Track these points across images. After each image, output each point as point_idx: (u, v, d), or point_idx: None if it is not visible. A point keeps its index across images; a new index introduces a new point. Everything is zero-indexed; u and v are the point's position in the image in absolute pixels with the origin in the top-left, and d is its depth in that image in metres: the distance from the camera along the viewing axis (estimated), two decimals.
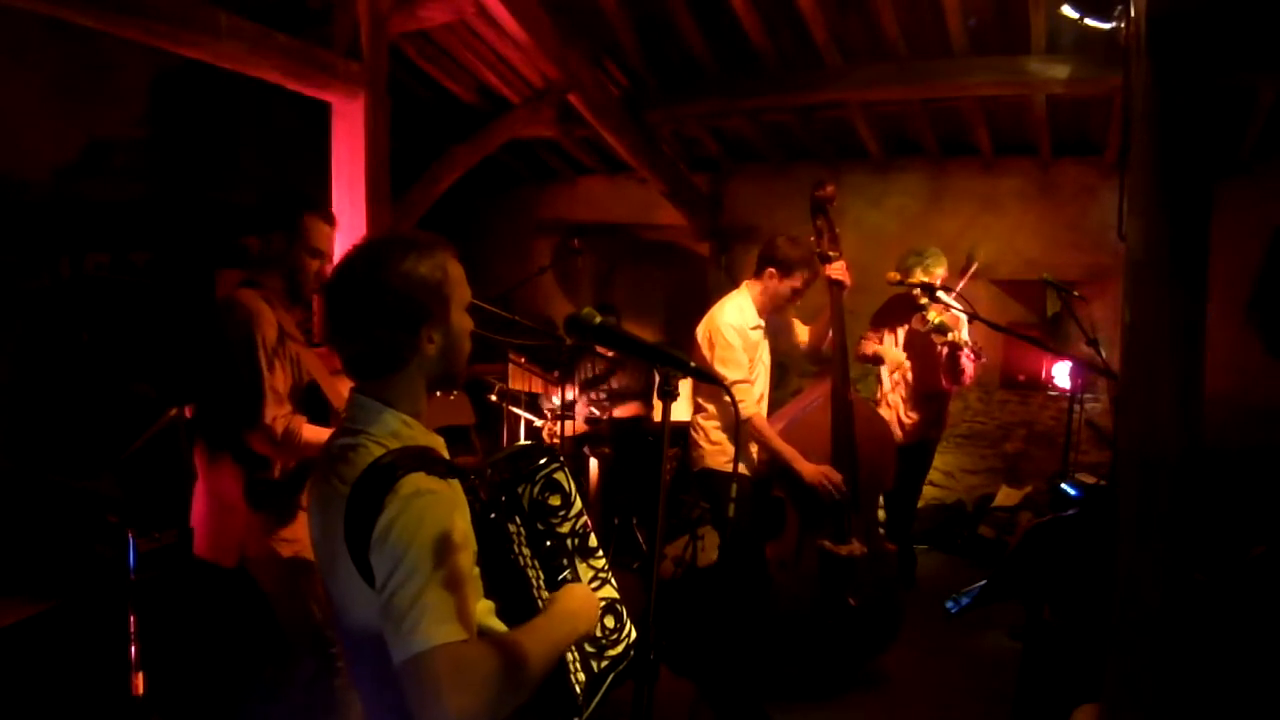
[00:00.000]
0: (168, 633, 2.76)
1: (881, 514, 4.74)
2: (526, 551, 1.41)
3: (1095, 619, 2.41)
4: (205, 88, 4.68)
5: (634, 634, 1.56)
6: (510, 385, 5.21)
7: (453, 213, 5.88)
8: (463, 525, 1.28)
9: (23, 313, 4.26)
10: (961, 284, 4.36)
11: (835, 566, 3.42)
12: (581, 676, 1.44)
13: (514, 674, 1.23)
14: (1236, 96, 4.32)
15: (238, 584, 2.50)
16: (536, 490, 1.46)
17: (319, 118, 3.69)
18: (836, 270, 3.38)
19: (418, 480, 1.24)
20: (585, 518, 1.55)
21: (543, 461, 1.50)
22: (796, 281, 3.38)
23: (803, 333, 3.64)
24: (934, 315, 4.17)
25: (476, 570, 1.34)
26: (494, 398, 4.90)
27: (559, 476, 1.50)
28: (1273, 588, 2.13)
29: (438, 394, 1.50)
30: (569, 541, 1.50)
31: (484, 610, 1.36)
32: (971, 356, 4.23)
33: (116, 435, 2.78)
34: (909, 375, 4.58)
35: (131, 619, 2.49)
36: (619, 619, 1.55)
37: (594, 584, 1.53)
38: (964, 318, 4.34)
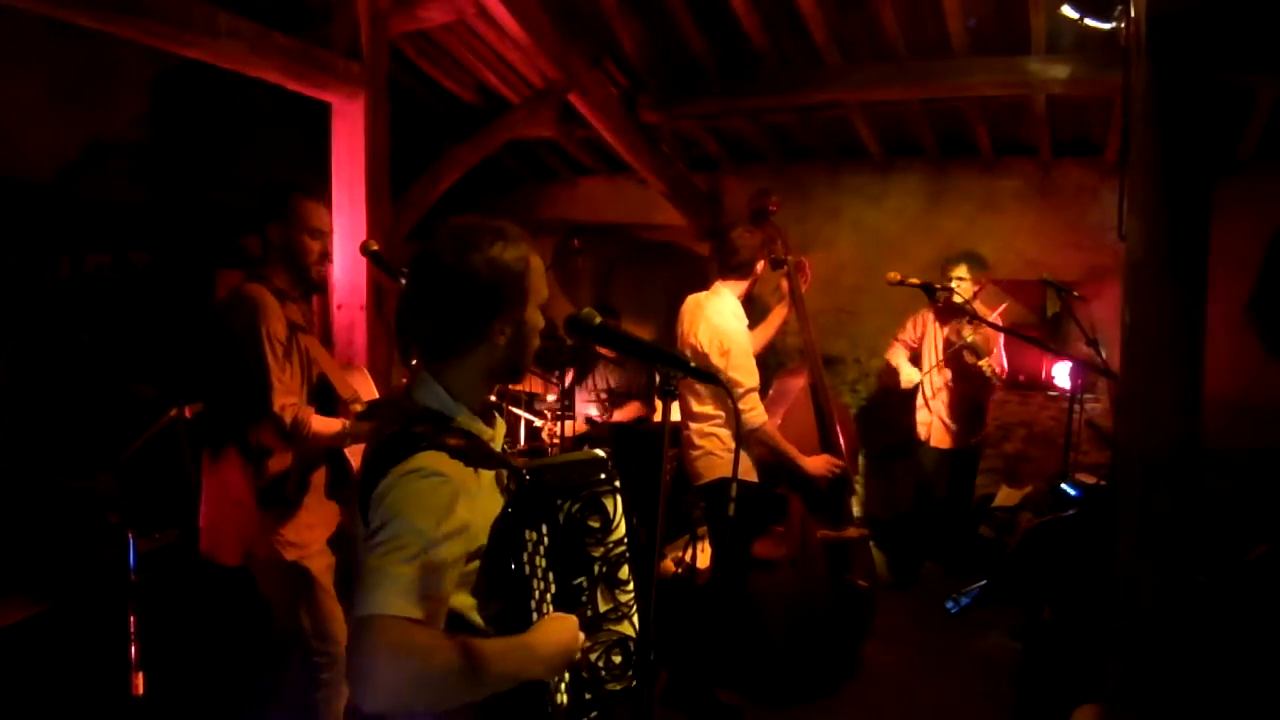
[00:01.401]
0: (167, 633, 2.75)
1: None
2: (541, 562, 1.38)
3: (1095, 619, 2.41)
4: (205, 88, 4.68)
5: (636, 683, 1.49)
6: (509, 385, 5.21)
7: (453, 213, 5.87)
8: (465, 516, 1.28)
9: (23, 313, 4.26)
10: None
11: (840, 552, 3.51)
12: (563, 699, 1.39)
13: (445, 679, 1.20)
14: (1236, 96, 4.32)
15: (238, 584, 2.50)
16: (576, 508, 1.43)
17: (319, 118, 3.68)
18: (803, 261, 3.64)
19: (429, 459, 1.25)
20: (623, 548, 1.50)
21: (593, 481, 1.47)
22: (766, 259, 3.48)
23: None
24: (969, 334, 4.46)
25: (473, 565, 1.33)
26: (493, 398, 4.89)
27: (606, 500, 1.47)
28: (1273, 588, 2.12)
29: None
30: (597, 567, 1.46)
31: (469, 604, 1.35)
32: (996, 380, 4.59)
33: (116, 435, 2.78)
34: (948, 380, 4.79)
35: (131, 619, 2.49)
36: (627, 658, 1.49)
37: (612, 615, 1.49)
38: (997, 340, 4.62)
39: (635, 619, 1.53)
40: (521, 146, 6.41)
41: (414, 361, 1.42)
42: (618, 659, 1.47)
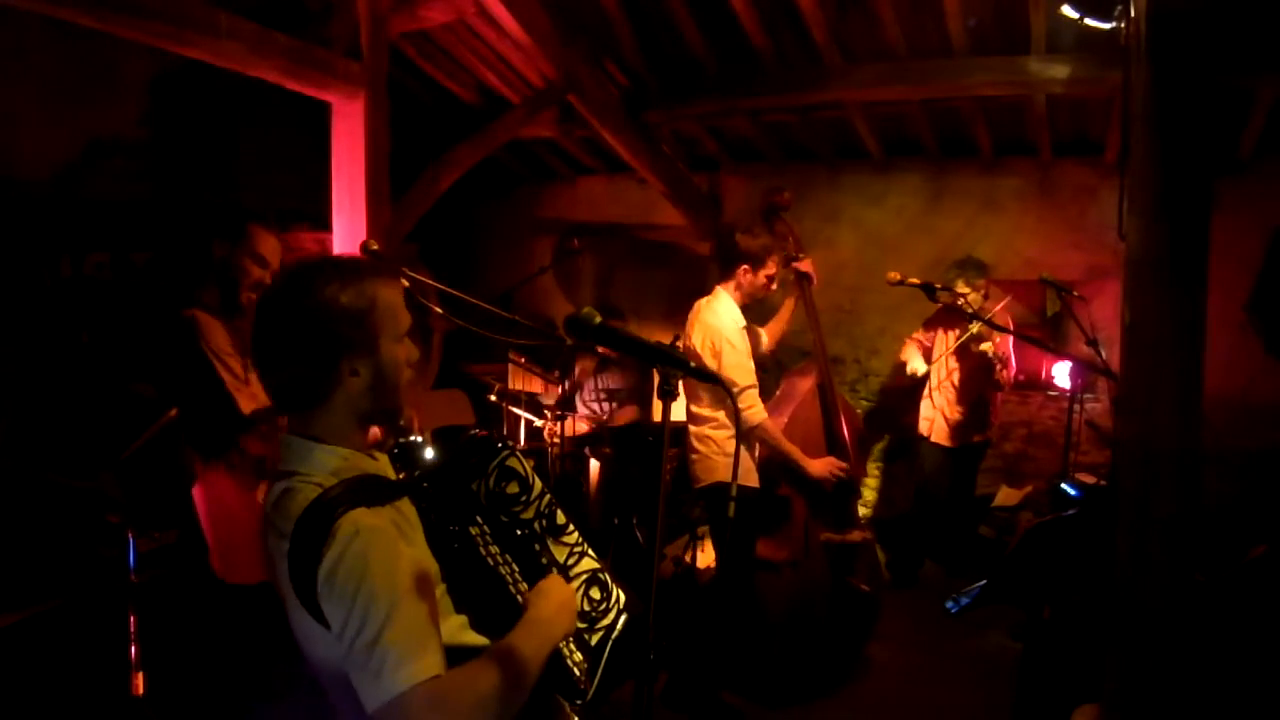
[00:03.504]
0: (172, 633, 2.75)
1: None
2: (495, 549, 1.37)
3: (1095, 619, 2.41)
4: (205, 88, 4.68)
5: (623, 598, 1.53)
6: (510, 385, 5.21)
7: (453, 212, 5.87)
8: (411, 551, 1.24)
9: (23, 313, 4.26)
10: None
11: (843, 555, 3.52)
12: (579, 657, 1.40)
13: (497, 696, 1.18)
14: (1236, 96, 4.32)
15: (255, 597, 2.50)
16: (492, 482, 1.39)
17: (319, 118, 3.68)
18: (805, 265, 3.57)
19: (355, 519, 1.19)
20: (549, 496, 1.48)
21: (492, 452, 1.42)
22: (770, 269, 3.35)
23: (763, 336, 3.65)
24: (974, 326, 4.47)
25: (442, 588, 1.31)
26: (494, 398, 4.90)
27: (512, 463, 1.43)
28: (1273, 588, 2.13)
29: (384, 424, 1.44)
30: (537, 525, 1.46)
31: (457, 626, 1.33)
32: (1000, 367, 4.62)
33: (116, 435, 2.78)
34: (954, 377, 4.81)
35: (131, 619, 2.49)
36: (604, 588, 1.50)
37: (570, 560, 1.49)
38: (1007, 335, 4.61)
39: (590, 551, 1.53)
40: (521, 146, 6.41)
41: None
42: (597, 594, 1.48)
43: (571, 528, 1.52)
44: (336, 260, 1.36)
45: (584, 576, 1.49)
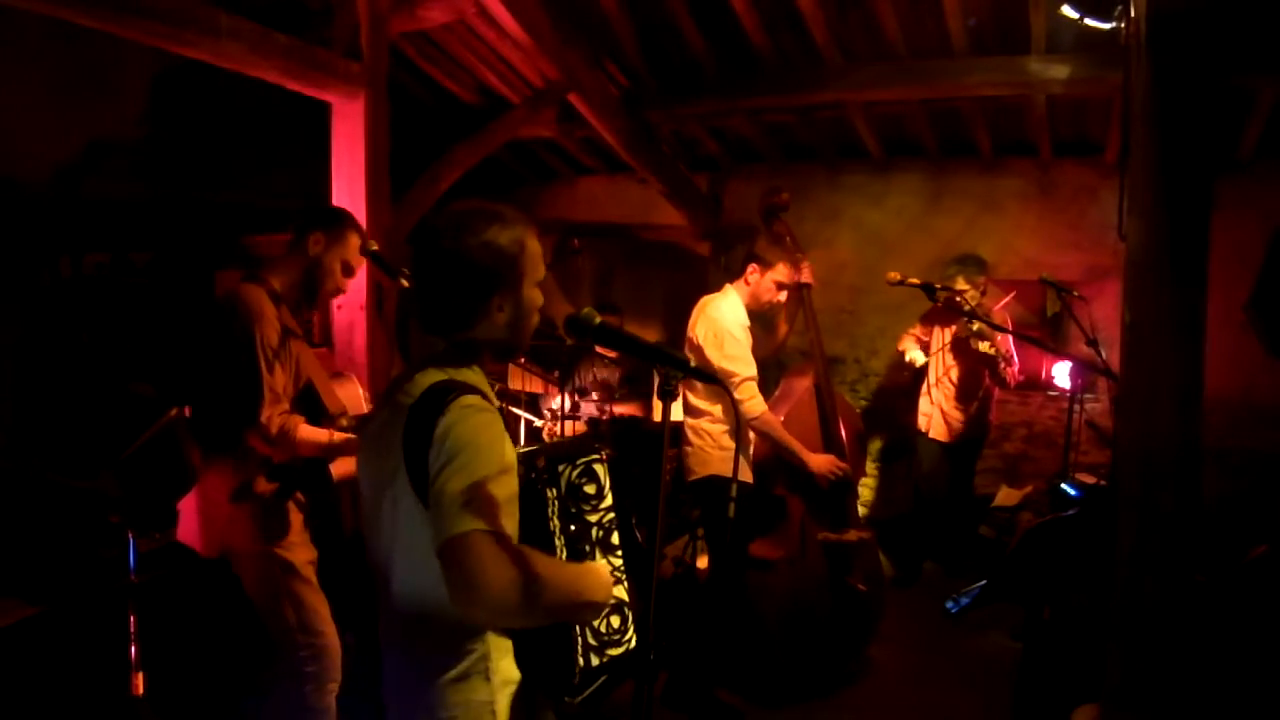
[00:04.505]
0: (167, 632, 2.75)
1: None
2: (556, 524, 1.47)
3: (1095, 619, 2.41)
4: (205, 88, 4.68)
5: (635, 641, 1.56)
6: (510, 385, 5.21)
7: None
8: (511, 456, 1.35)
9: (23, 313, 4.26)
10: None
11: (840, 555, 3.52)
12: (581, 662, 1.46)
13: (546, 588, 1.28)
14: (1236, 96, 4.32)
15: (227, 579, 2.51)
16: (575, 474, 1.53)
17: (319, 118, 3.68)
18: (805, 275, 3.58)
19: (476, 399, 1.34)
20: (613, 515, 1.59)
21: (587, 450, 1.57)
22: (780, 275, 3.39)
23: (779, 334, 3.69)
24: (974, 325, 4.45)
25: (516, 515, 1.40)
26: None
27: (598, 468, 1.56)
28: (1273, 588, 2.13)
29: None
30: (594, 532, 1.55)
31: None
32: (1004, 364, 4.61)
33: (116, 435, 2.78)
34: (953, 373, 4.79)
35: (131, 619, 2.48)
36: (624, 622, 1.55)
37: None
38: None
39: (626, 583, 1.59)
40: (521, 146, 6.41)
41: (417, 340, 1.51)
42: (616, 622, 1.54)
43: (620, 554, 1.60)
44: (491, 206, 1.49)
45: (614, 601, 1.54)
